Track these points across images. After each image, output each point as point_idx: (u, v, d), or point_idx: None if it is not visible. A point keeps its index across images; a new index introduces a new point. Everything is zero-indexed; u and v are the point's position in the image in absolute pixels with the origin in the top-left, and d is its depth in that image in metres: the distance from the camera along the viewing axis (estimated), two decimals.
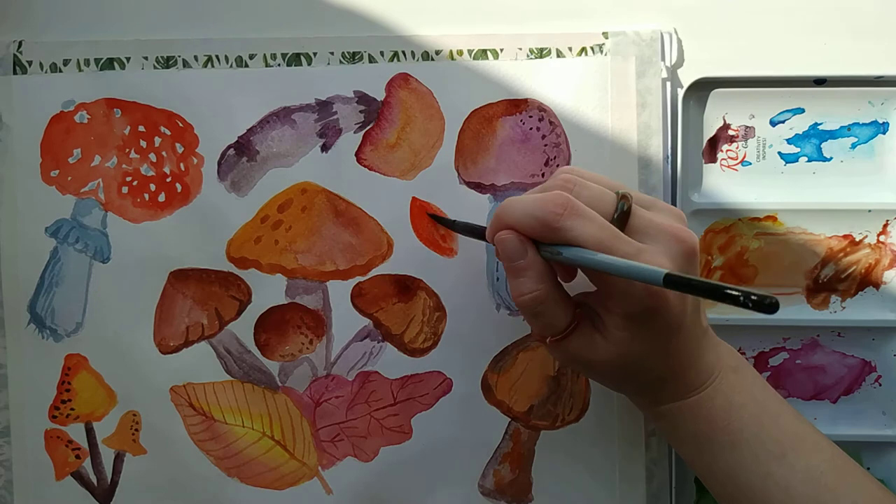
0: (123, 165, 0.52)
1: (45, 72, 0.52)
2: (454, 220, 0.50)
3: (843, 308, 0.53)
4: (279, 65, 0.52)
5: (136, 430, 0.53)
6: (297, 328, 0.52)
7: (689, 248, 0.39)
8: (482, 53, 0.52)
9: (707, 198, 0.52)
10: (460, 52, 0.52)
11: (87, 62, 0.52)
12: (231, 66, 0.52)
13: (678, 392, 0.43)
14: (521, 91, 0.52)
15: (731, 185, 0.52)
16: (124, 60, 0.52)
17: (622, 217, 0.39)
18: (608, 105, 0.51)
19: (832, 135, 0.52)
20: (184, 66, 0.52)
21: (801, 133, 0.52)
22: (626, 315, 0.39)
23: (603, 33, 0.51)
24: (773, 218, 0.52)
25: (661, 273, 0.33)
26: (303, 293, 0.52)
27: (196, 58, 0.52)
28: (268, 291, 0.52)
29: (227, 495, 0.53)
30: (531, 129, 0.52)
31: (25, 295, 0.52)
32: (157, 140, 0.52)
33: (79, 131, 0.52)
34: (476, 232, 0.47)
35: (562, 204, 0.38)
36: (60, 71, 0.52)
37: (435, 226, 0.52)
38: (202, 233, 0.52)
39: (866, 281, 0.52)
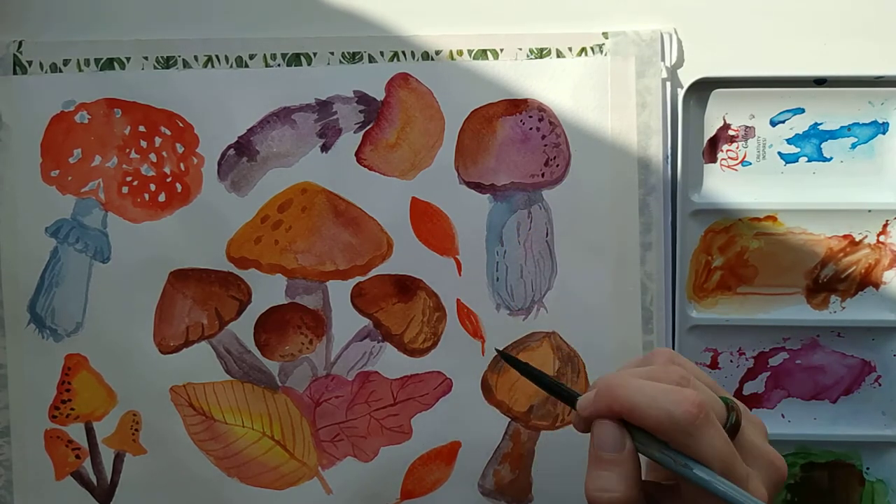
0: (124, 165, 0.52)
1: (45, 72, 0.52)
2: (538, 373, 0.37)
3: (843, 308, 0.53)
4: (279, 65, 0.52)
5: (136, 429, 0.53)
6: (297, 328, 0.52)
7: (784, 478, 0.35)
8: (482, 53, 0.52)
9: (707, 198, 0.52)
10: (460, 52, 0.52)
11: (87, 62, 0.52)
12: (231, 66, 0.52)
13: None
14: (520, 91, 0.52)
15: (731, 185, 0.52)
16: (124, 60, 0.52)
17: (732, 430, 0.33)
18: (608, 105, 0.51)
19: (832, 135, 0.52)
20: (184, 66, 0.52)
21: (801, 133, 0.52)
22: None
23: (603, 33, 0.51)
24: (773, 218, 0.52)
25: None
26: (303, 293, 0.52)
27: (196, 58, 0.52)
28: (268, 291, 0.52)
29: (227, 495, 0.53)
30: (531, 129, 0.52)
31: (25, 295, 0.52)
32: (158, 140, 0.52)
33: (79, 131, 0.52)
34: (558, 392, 0.37)
35: (699, 405, 0.32)
36: (60, 71, 0.52)
37: (434, 225, 0.52)
38: (202, 233, 0.52)
39: (866, 281, 0.52)
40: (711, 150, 0.52)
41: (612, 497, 0.33)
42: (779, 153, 0.52)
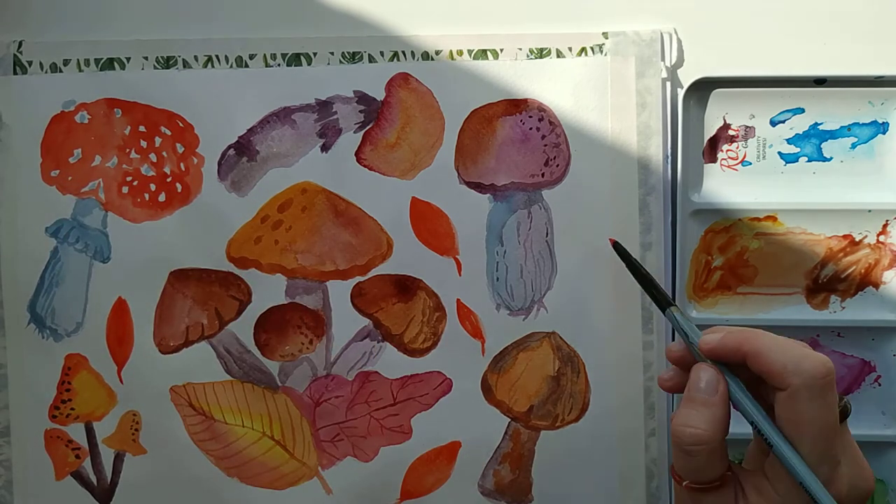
0: (124, 165, 0.52)
1: (45, 72, 0.52)
2: (642, 271, 0.39)
3: (843, 308, 0.53)
4: (279, 65, 0.52)
5: (136, 429, 0.53)
6: (297, 328, 0.52)
7: (870, 492, 0.35)
8: (482, 53, 0.52)
9: (707, 198, 0.52)
10: (460, 52, 0.52)
11: (87, 62, 0.52)
12: (231, 66, 0.52)
13: None
14: (520, 91, 0.52)
15: (731, 185, 0.52)
16: (124, 60, 0.52)
17: (841, 415, 0.34)
18: (608, 105, 0.51)
19: (832, 135, 0.52)
20: (184, 66, 0.52)
21: (801, 133, 0.52)
22: None
23: (603, 33, 0.51)
24: (773, 218, 0.52)
25: None
26: (303, 293, 0.52)
27: (196, 58, 0.52)
28: (268, 291, 0.52)
29: (227, 495, 0.53)
30: (531, 129, 0.52)
31: (25, 295, 0.52)
32: (158, 140, 0.52)
33: (79, 131, 0.52)
34: (658, 299, 0.38)
35: (830, 368, 0.32)
36: (60, 71, 0.52)
37: (434, 225, 0.52)
38: (202, 233, 0.52)
39: (866, 281, 0.52)
40: (711, 150, 0.52)
41: (694, 433, 0.34)
42: (779, 153, 0.52)
